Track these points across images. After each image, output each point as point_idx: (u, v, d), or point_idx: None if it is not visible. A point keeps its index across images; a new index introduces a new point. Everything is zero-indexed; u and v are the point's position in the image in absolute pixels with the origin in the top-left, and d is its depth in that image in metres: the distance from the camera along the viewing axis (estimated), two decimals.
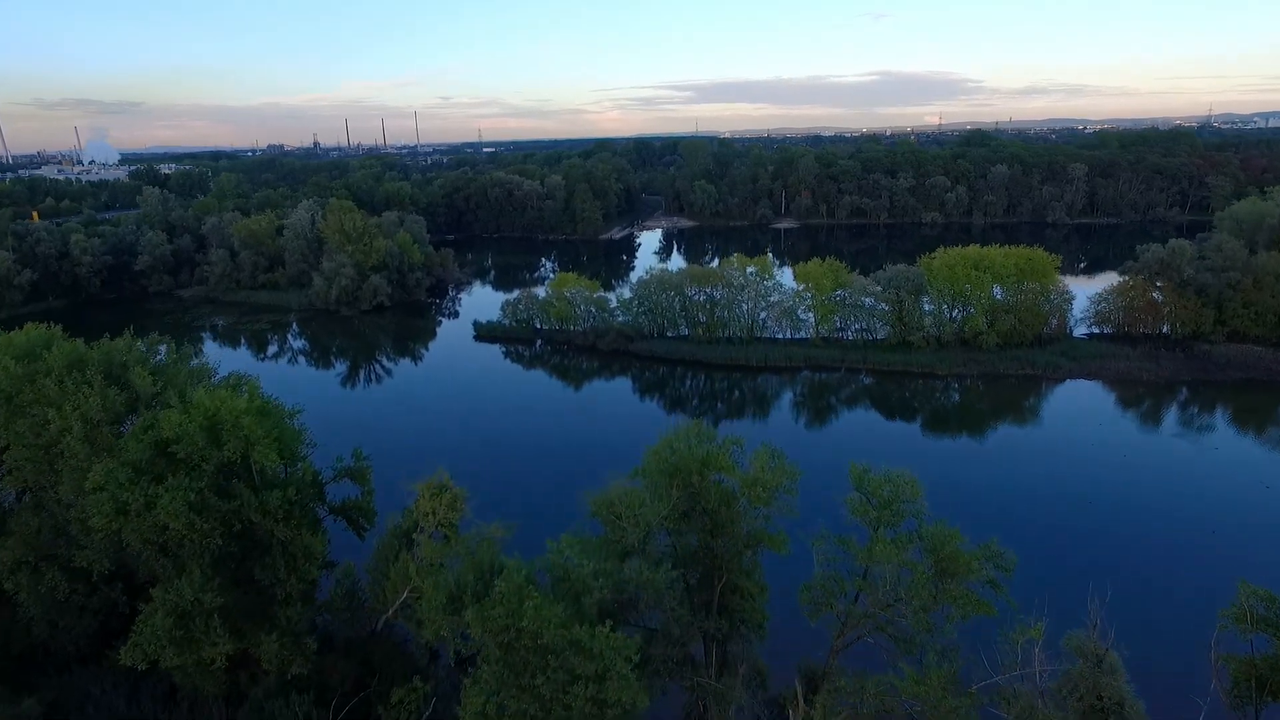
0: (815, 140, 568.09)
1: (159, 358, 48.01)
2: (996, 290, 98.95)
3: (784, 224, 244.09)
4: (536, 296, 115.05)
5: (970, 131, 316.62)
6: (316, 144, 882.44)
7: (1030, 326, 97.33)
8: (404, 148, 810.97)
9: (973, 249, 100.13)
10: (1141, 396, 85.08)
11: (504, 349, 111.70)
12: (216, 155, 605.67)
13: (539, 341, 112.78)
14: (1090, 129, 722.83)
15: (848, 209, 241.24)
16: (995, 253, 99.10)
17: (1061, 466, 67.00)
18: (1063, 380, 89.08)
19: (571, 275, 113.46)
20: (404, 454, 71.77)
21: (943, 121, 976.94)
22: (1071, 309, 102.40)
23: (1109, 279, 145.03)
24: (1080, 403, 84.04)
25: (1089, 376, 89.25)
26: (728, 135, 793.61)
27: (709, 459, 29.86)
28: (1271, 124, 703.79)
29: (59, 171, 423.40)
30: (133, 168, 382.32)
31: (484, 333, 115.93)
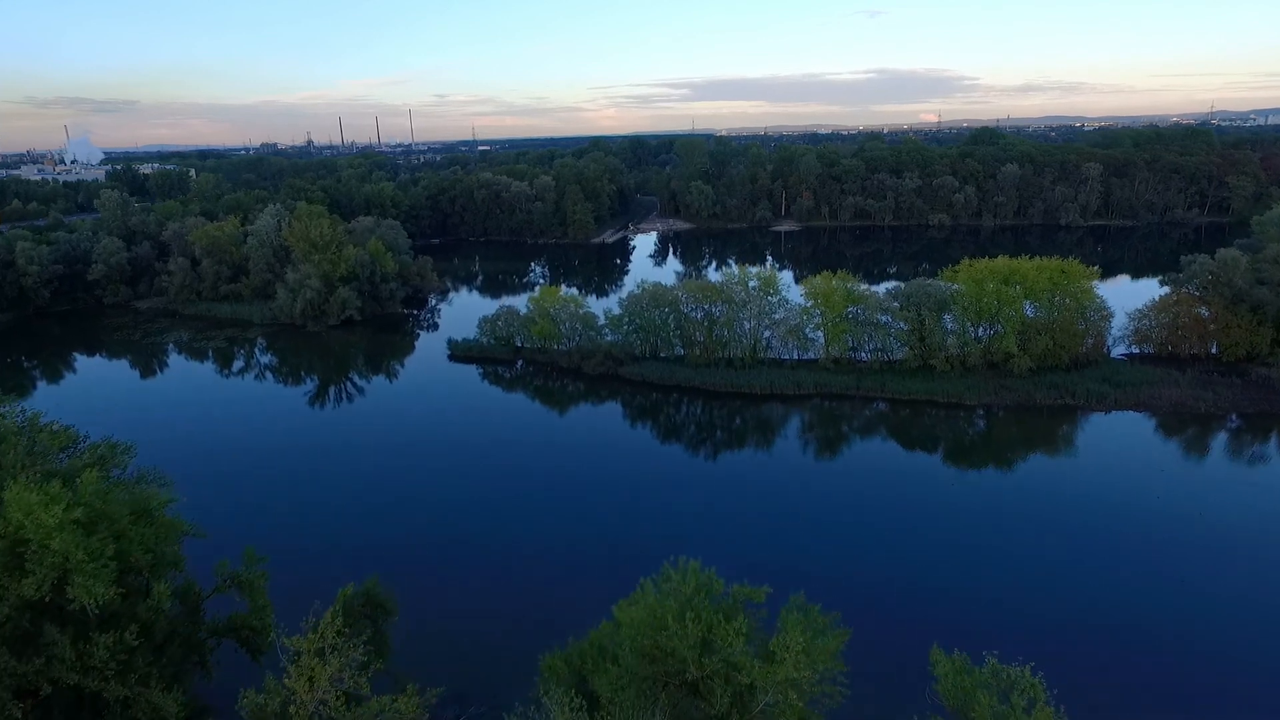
0: (813, 138, 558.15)
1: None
2: (1027, 307, 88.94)
3: (784, 226, 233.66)
4: (517, 312, 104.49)
5: (978, 129, 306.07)
6: (310, 142, 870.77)
7: (1066, 348, 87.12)
8: (398, 146, 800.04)
9: (1001, 260, 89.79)
10: (1196, 431, 74.80)
11: (481, 370, 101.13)
12: (204, 154, 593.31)
13: (520, 362, 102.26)
14: (1088, 126, 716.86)
15: (851, 210, 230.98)
16: (1026, 265, 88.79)
17: (1139, 541, 56.46)
18: (1108, 411, 78.70)
19: (555, 289, 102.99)
20: (339, 524, 60.60)
21: (941, 119, 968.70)
22: (1110, 327, 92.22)
23: (1121, 282, 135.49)
24: (1133, 441, 73.49)
25: (1137, 407, 78.85)
26: (724, 133, 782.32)
27: (713, 636, 19.53)
28: (1272, 121, 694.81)
29: (39, 172, 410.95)
30: (111, 168, 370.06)
31: (460, 352, 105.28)
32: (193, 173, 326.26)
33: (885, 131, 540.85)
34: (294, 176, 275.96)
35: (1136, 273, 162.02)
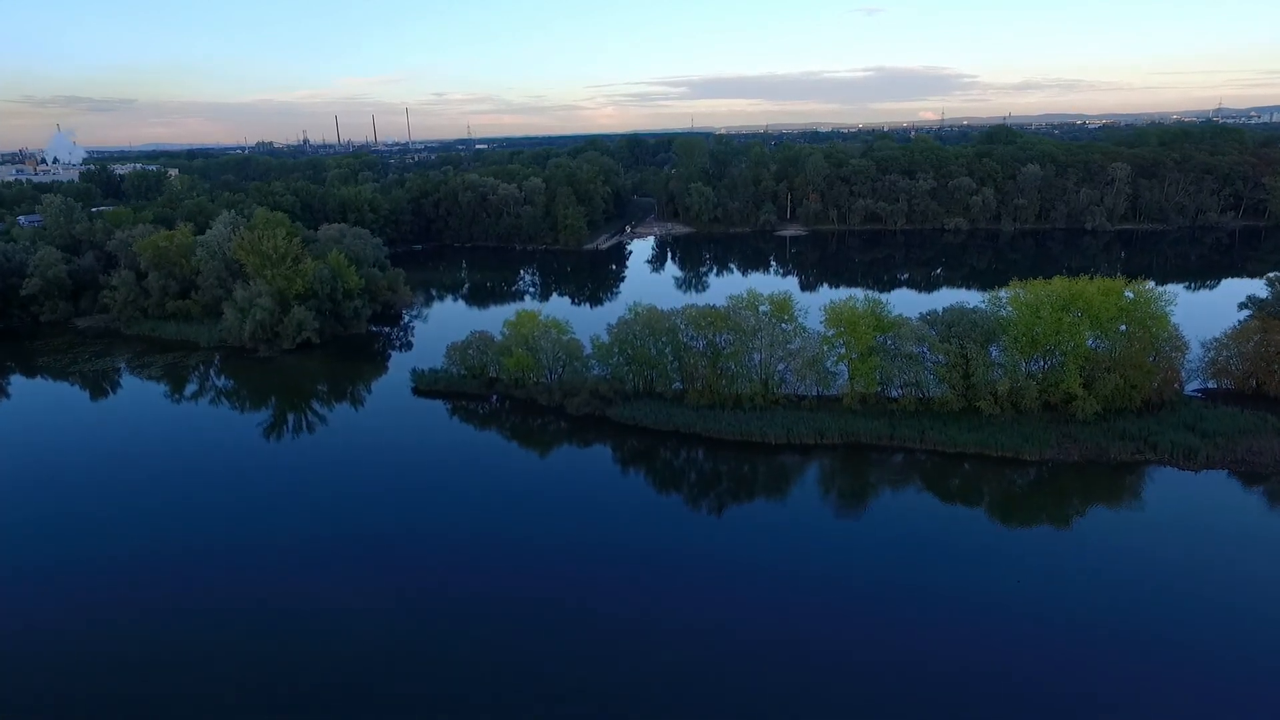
0: (813, 136, 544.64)
1: None
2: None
3: (790, 230, 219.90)
4: (492, 338, 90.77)
5: (992, 127, 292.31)
6: (305, 141, 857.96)
7: (1138, 387, 73.38)
8: (394, 145, 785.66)
9: (1059, 281, 76.00)
10: None
11: (450, 406, 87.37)
12: (193, 153, 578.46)
13: (495, 396, 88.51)
14: (1091, 124, 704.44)
15: (861, 214, 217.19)
16: (1089, 287, 75.04)
17: None
18: (1198, 470, 64.88)
19: (534, 314, 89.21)
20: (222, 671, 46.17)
21: (944, 118, 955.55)
22: (1184, 361, 78.48)
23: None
24: (1244, 516, 59.70)
25: (1233, 465, 64.93)
26: (723, 131, 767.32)
27: None
28: (1276, 119, 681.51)
29: (17, 172, 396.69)
30: (85, 168, 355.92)
31: (425, 385, 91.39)
32: (172, 173, 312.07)
33: (886, 130, 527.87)
34: (279, 177, 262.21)
35: (1163, 279, 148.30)
